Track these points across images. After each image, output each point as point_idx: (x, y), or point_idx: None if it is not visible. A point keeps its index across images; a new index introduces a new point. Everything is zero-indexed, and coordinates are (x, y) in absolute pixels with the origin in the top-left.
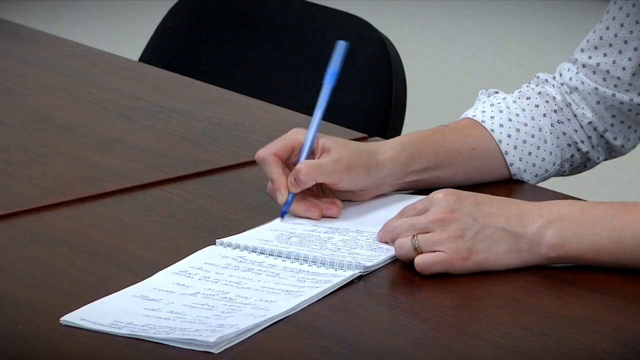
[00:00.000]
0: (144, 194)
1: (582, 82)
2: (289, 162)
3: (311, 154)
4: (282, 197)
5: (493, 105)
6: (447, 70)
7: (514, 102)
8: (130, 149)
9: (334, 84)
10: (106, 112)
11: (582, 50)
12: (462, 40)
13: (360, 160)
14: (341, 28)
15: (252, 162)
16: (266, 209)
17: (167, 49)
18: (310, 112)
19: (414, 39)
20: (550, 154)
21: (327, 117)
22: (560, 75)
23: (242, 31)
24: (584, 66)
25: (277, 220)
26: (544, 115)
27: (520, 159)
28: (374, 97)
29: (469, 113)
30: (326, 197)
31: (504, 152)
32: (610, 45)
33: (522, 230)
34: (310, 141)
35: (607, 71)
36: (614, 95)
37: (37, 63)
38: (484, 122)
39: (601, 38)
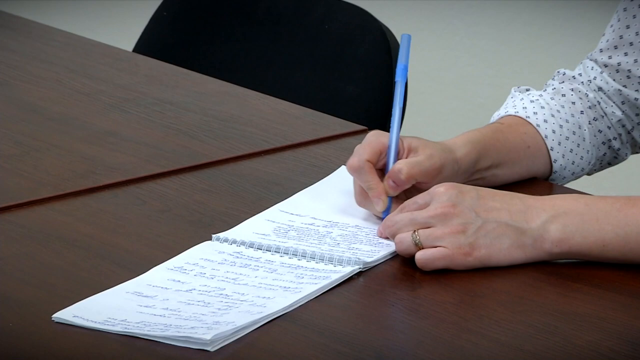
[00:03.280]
0: (138, 188)
1: (607, 82)
2: (376, 167)
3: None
4: (383, 204)
5: (533, 101)
6: (448, 61)
7: (552, 98)
8: (125, 142)
9: (406, 80)
10: (100, 104)
11: (601, 51)
12: (464, 30)
13: (448, 157)
14: (340, 17)
15: (249, 155)
16: (263, 203)
17: (162, 40)
18: (308, 104)
19: (414, 29)
20: (588, 153)
21: (325, 109)
22: (585, 72)
23: (239, 21)
24: (605, 66)
25: (273, 209)
26: (581, 112)
27: (563, 156)
28: (374, 88)
29: (510, 110)
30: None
31: (549, 148)
32: (631, 44)
33: (526, 225)
34: (395, 142)
35: (629, 70)
36: (636, 99)
37: (29, 54)
38: (529, 117)
39: (621, 37)
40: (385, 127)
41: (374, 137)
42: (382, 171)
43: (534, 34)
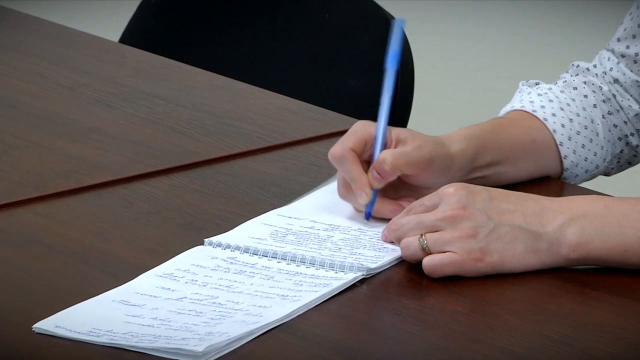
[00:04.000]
0: (125, 189)
1: (624, 74)
2: (361, 159)
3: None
4: (366, 196)
5: (540, 95)
6: (457, 52)
7: (562, 91)
8: (110, 140)
9: (398, 67)
10: (83, 99)
11: (618, 40)
12: (475, 19)
13: (439, 151)
14: (342, 5)
15: (244, 154)
16: (259, 205)
17: (151, 29)
18: (307, 98)
19: (421, 17)
20: (602, 149)
21: (325, 104)
22: (601, 64)
23: (233, 9)
24: (622, 56)
25: (270, 213)
26: (594, 105)
27: (574, 152)
28: (378, 82)
29: (515, 105)
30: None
31: (558, 143)
32: None
33: (541, 229)
34: (383, 132)
35: None
36: None
37: (7, 44)
38: (535, 111)
39: (639, 26)
40: (390, 124)
41: (360, 126)
42: (368, 163)
43: (549, 23)
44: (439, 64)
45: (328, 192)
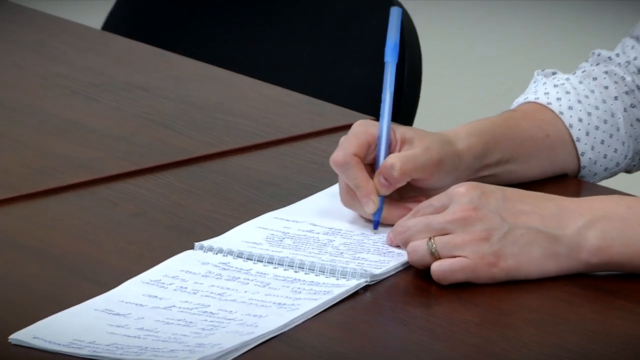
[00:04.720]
0: (108, 188)
1: None
2: (364, 162)
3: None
4: (374, 205)
5: (557, 86)
6: (467, 40)
7: (580, 82)
8: (91, 135)
9: (397, 60)
10: (62, 90)
11: None
12: (486, 4)
13: (448, 150)
14: None
15: (237, 151)
16: (254, 207)
17: (135, 15)
18: (306, 90)
19: (430, 4)
20: (623, 145)
21: (326, 96)
22: (624, 52)
23: None
24: None
25: (266, 216)
26: (616, 98)
27: (593, 148)
28: (382, 72)
29: (529, 97)
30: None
31: (575, 139)
32: None
33: (560, 232)
34: (387, 133)
35: None
36: None
37: None
38: (551, 104)
39: None
40: (397, 118)
41: (362, 128)
42: (371, 166)
43: (568, 8)
44: (445, 54)
45: (328, 195)
